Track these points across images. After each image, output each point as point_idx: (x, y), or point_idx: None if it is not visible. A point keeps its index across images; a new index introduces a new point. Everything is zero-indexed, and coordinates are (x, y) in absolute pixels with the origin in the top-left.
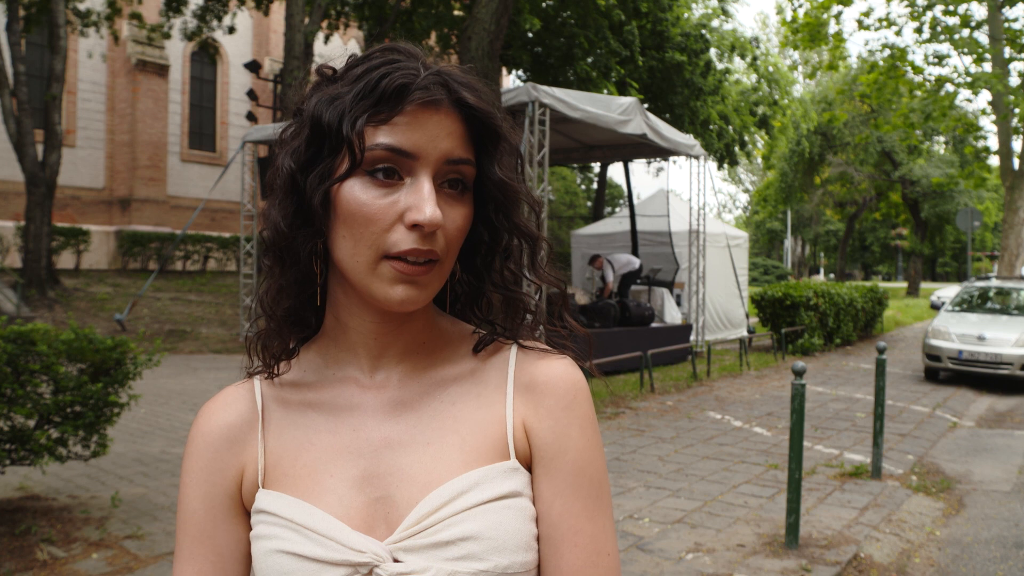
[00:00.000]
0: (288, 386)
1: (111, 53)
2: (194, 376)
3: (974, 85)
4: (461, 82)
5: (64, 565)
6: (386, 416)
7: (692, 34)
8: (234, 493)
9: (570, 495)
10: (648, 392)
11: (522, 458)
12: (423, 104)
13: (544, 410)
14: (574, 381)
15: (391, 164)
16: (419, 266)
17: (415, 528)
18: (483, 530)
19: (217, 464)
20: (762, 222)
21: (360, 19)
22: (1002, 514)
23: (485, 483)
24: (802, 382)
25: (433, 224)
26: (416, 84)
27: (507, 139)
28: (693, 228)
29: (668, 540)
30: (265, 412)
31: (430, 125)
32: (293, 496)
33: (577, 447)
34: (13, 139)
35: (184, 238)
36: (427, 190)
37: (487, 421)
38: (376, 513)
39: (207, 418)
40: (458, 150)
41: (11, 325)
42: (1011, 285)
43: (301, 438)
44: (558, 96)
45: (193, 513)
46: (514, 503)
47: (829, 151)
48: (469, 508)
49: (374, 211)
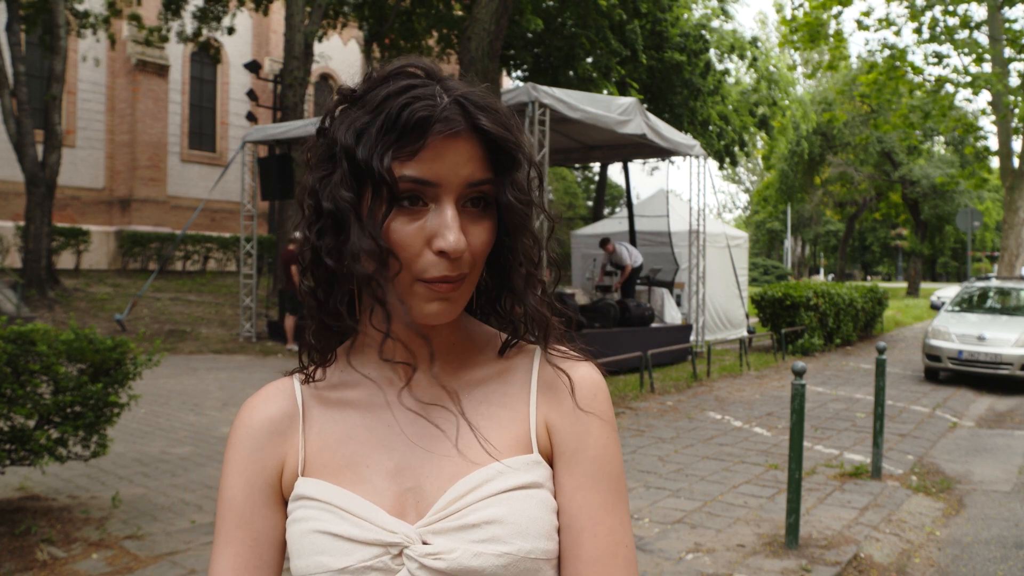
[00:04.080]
0: (326, 387)
1: (111, 53)
2: (194, 376)
3: (974, 85)
4: (479, 106)
5: (64, 565)
6: (418, 414)
7: (691, 34)
8: (274, 482)
9: (590, 488)
10: (648, 392)
11: (544, 454)
12: (439, 133)
13: (566, 408)
14: (595, 382)
15: (416, 193)
16: (450, 284)
17: (443, 512)
18: (507, 515)
19: (259, 454)
20: (762, 222)
21: (360, 19)
22: (1002, 514)
23: (509, 472)
24: (802, 382)
25: (457, 251)
26: (436, 116)
27: (523, 161)
28: (693, 228)
29: (668, 540)
30: (305, 408)
31: (450, 153)
32: (332, 483)
33: (597, 443)
34: (13, 139)
35: (184, 238)
36: (450, 216)
37: (512, 419)
38: (407, 501)
39: (251, 412)
40: (478, 173)
41: (11, 325)
42: (1011, 285)
43: (340, 433)
44: (558, 96)
45: (233, 500)
46: (536, 493)
47: (829, 151)
48: (494, 495)
49: (404, 238)
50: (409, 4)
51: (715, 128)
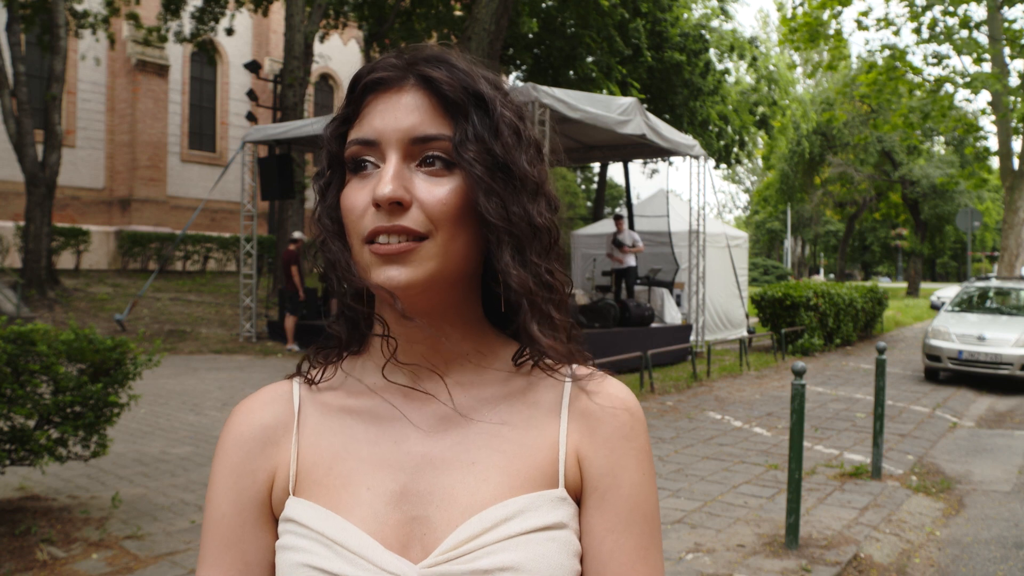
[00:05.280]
0: (328, 391)
1: (111, 53)
2: (194, 376)
3: (974, 85)
4: (425, 58)
5: (64, 565)
6: (430, 430)
7: (691, 34)
8: (264, 498)
9: (623, 531)
10: (648, 392)
11: (572, 488)
12: (382, 91)
13: (601, 438)
14: (633, 410)
15: (362, 156)
16: (397, 245)
17: (453, 553)
18: (525, 562)
19: (248, 466)
20: (762, 222)
21: (360, 19)
22: (1002, 514)
23: (531, 511)
24: (802, 382)
25: (387, 198)
26: (380, 79)
27: (488, 110)
28: (693, 228)
29: (668, 540)
30: (301, 415)
31: (390, 109)
32: (325, 507)
33: (633, 480)
34: (13, 139)
35: (184, 238)
36: (389, 170)
37: (537, 445)
38: (412, 533)
39: (241, 418)
40: (425, 125)
41: (11, 325)
42: (1011, 285)
43: (338, 446)
44: (558, 96)
45: (222, 517)
46: (559, 535)
47: (829, 151)
48: (512, 536)
49: (352, 202)
50: (409, 4)
51: (715, 128)
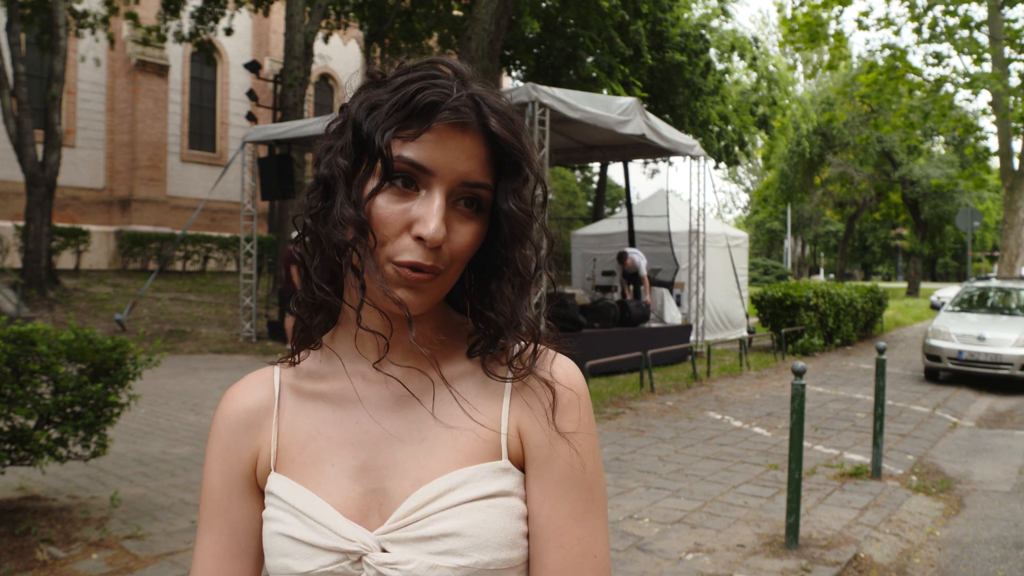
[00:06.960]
0: (304, 376)
1: (111, 53)
2: (194, 376)
3: (974, 85)
4: (493, 107)
5: (64, 565)
6: (387, 411)
7: (692, 34)
8: (249, 473)
9: (559, 497)
10: (648, 392)
11: (515, 459)
12: (450, 124)
13: (539, 412)
14: (572, 383)
15: (410, 175)
16: (421, 274)
17: (403, 521)
18: (466, 527)
19: (235, 446)
20: (762, 222)
21: (360, 19)
22: (1002, 514)
23: (473, 481)
24: (802, 382)
25: (435, 240)
26: (447, 104)
27: (528, 172)
28: (693, 228)
29: (668, 540)
30: (281, 400)
31: (453, 145)
32: (298, 482)
33: (569, 451)
34: (13, 139)
35: (184, 238)
36: (437, 206)
37: (483, 420)
38: (371, 503)
39: (229, 402)
40: (476, 174)
41: (11, 325)
42: (1011, 285)
43: (310, 427)
44: (558, 96)
45: (212, 490)
46: (501, 502)
47: (829, 151)
48: (454, 505)
49: (386, 215)
50: (409, 4)
51: (715, 128)
